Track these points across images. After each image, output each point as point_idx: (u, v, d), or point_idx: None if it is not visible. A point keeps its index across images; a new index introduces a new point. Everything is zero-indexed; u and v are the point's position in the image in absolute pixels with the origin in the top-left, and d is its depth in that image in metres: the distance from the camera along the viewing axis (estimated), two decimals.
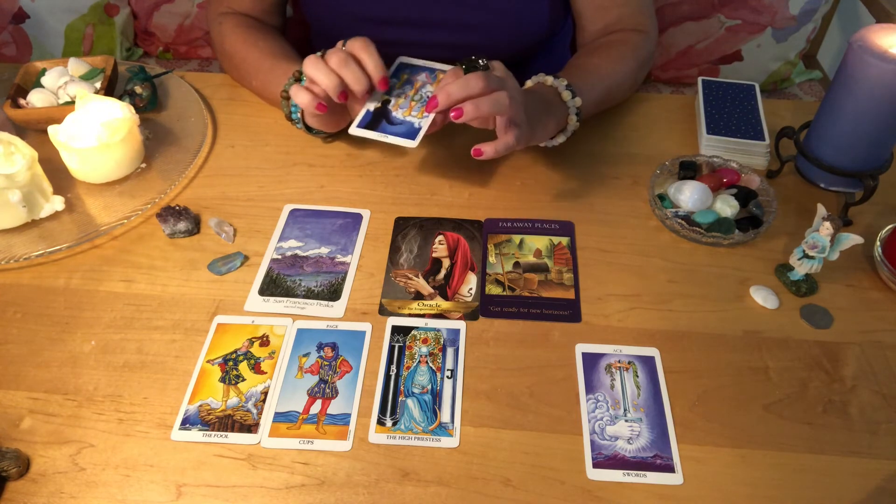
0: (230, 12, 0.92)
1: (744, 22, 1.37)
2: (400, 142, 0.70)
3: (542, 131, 0.74)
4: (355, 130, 0.72)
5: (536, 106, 0.73)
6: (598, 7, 0.88)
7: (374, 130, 0.72)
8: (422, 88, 0.75)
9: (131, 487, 0.54)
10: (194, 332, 0.65)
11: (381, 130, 0.72)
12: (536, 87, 0.77)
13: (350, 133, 0.72)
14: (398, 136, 0.70)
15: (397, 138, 0.70)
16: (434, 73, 0.76)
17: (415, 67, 0.77)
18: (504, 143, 0.68)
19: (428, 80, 0.75)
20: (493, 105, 0.66)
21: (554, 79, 0.76)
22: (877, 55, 0.68)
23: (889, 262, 0.68)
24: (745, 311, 0.67)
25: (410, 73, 0.77)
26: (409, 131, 0.71)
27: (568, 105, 0.76)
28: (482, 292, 0.69)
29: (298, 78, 0.77)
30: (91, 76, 0.87)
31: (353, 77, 0.70)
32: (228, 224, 0.75)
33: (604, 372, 0.62)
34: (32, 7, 1.35)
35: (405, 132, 0.71)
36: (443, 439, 0.57)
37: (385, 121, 0.72)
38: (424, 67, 0.77)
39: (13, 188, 0.71)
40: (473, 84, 0.66)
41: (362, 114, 0.73)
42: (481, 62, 0.70)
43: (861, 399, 0.60)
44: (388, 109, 0.73)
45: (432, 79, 0.76)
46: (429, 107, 0.69)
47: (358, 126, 0.72)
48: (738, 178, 0.78)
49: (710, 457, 0.56)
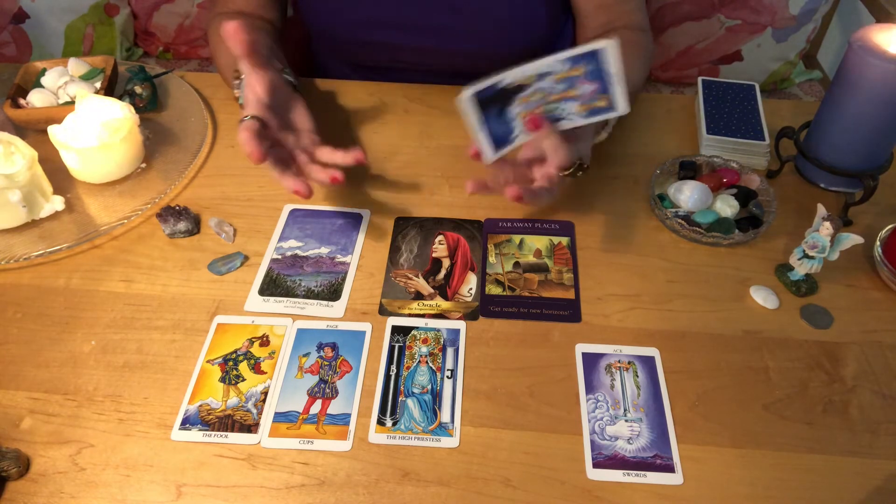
0: (225, 12, 0.92)
1: (744, 22, 1.37)
2: (482, 144, 0.66)
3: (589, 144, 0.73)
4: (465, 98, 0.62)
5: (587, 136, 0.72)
6: (600, 5, 0.88)
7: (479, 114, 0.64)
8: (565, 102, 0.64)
9: (131, 487, 0.54)
10: (194, 332, 0.65)
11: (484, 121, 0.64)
12: None
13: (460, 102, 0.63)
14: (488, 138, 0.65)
15: (484, 139, 0.65)
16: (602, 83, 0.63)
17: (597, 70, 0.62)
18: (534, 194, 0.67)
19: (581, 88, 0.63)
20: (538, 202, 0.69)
21: None
22: (877, 55, 0.68)
23: (889, 262, 0.68)
24: (745, 311, 0.67)
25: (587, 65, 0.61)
26: (500, 137, 0.66)
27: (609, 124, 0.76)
28: (482, 292, 0.69)
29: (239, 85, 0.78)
30: (91, 76, 0.87)
31: None
32: (228, 224, 0.75)
33: (604, 372, 0.62)
34: (32, 7, 1.35)
35: (499, 137, 0.66)
36: (443, 439, 0.57)
37: (500, 107, 0.64)
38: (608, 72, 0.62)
39: (13, 188, 0.71)
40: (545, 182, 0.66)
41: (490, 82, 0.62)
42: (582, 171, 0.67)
43: (861, 399, 0.60)
44: (514, 98, 0.63)
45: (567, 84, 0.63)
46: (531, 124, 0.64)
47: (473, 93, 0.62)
48: (738, 178, 0.78)
49: (710, 457, 0.56)
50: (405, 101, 0.92)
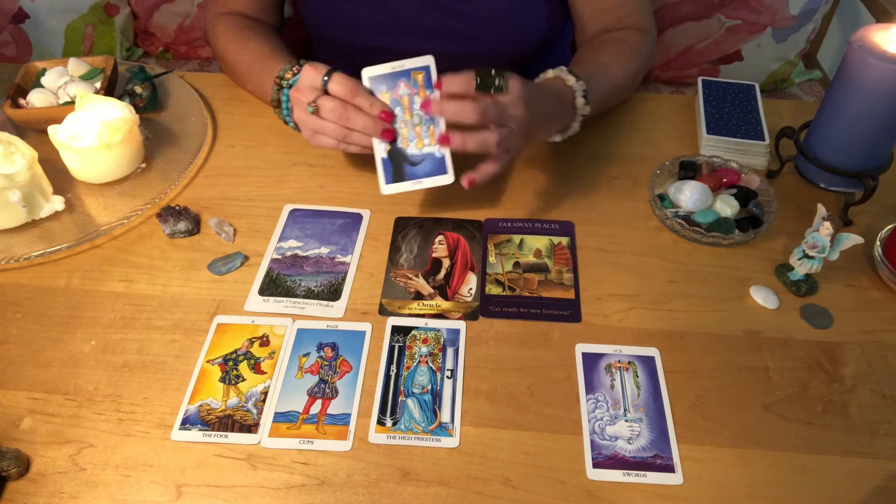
0: (226, 13, 0.92)
1: (744, 22, 1.37)
2: (436, 182, 0.69)
3: (541, 134, 0.73)
4: (387, 189, 0.69)
5: (544, 106, 0.71)
6: (598, 9, 0.88)
7: (404, 181, 0.69)
8: (413, 105, 0.68)
9: (131, 487, 0.54)
10: (194, 332, 0.65)
11: (410, 177, 0.69)
12: (554, 82, 0.74)
13: (383, 194, 0.69)
14: (431, 176, 0.69)
15: (431, 179, 0.69)
16: (409, 75, 0.68)
17: (386, 78, 0.68)
18: (483, 174, 0.68)
19: (411, 90, 0.68)
20: (479, 145, 0.66)
21: (575, 80, 0.74)
22: (877, 55, 0.68)
23: (889, 262, 0.68)
24: (745, 311, 0.67)
25: (389, 89, 0.69)
26: (435, 165, 0.69)
27: (577, 111, 0.75)
28: (482, 292, 0.69)
29: (280, 85, 0.76)
30: (91, 76, 0.87)
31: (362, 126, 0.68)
32: (228, 224, 0.75)
33: (604, 372, 0.62)
34: (32, 7, 1.35)
35: (433, 168, 0.69)
36: (443, 439, 0.57)
37: (406, 163, 0.69)
38: (395, 74, 0.68)
39: (13, 188, 0.71)
40: (469, 112, 0.64)
41: (381, 168, 0.69)
42: (496, 81, 0.66)
43: (861, 399, 0.60)
44: (400, 148, 0.69)
45: (413, 85, 0.68)
46: (441, 141, 0.67)
47: (386, 184, 0.69)
48: (738, 178, 0.78)
49: (710, 457, 0.56)
50: None
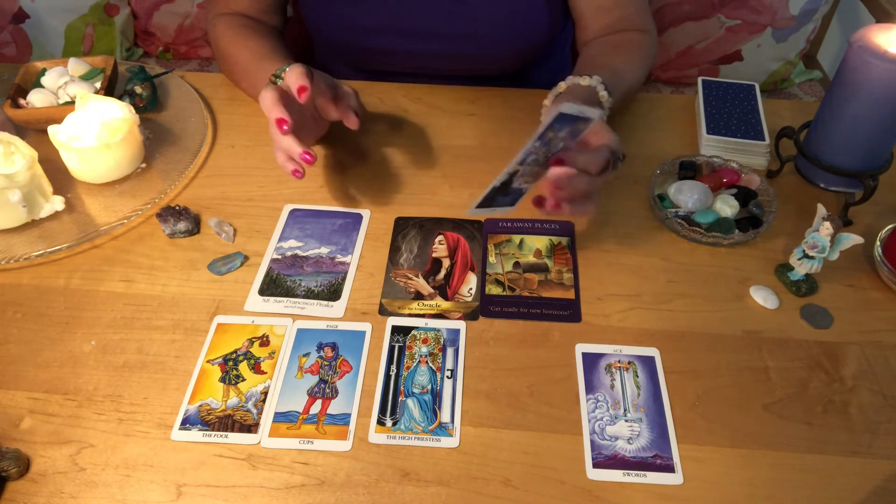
0: (227, 13, 0.92)
1: (744, 22, 1.37)
2: (500, 212, 0.68)
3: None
4: (474, 212, 0.66)
5: None
6: (599, 8, 0.88)
7: (489, 207, 0.66)
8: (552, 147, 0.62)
9: (131, 487, 0.54)
10: (194, 332, 0.65)
11: (495, 205, 0.66)
12: (573, 89, 0.75)
13: (467, 215, 0.67)
14: (505, 207, 0.67)
15: (500, 209, 0.67)
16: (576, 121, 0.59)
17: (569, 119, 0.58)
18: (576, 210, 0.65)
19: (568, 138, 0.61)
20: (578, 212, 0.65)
21: (589, 78, 0.75)
22: (877, 55, 0.68)
23: (889, 262, 0.68)
24: (745, 311, 0.67)
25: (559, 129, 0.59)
26: (514, 198, 0.67)
27: (604, 105, 0.74)
28: (482, 292, 0.69)
29: (274, 83, 0.76)
30: (91, 76, 0.87)
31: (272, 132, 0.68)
32: (228, 224, 0.75)
33: (604, 372, 0.62)
34: (32, 7, 1.35)
35: (511, 200, 0.67)
36: (443, 439, 0.57)
37: (500, 194, 0.65)
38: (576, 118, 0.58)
39: (13, 188, 0.71)
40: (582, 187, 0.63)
41: (487, 192, 0.63)
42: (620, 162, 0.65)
43: (861, 399, 0.60)
44: (511, 181, 0.63)
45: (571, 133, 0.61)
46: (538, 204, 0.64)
47: (477, 207, 0.65)
48: (738, 178, 0.78)
49: (710, 457, 0.56)
50: (405, 101, 0.92)
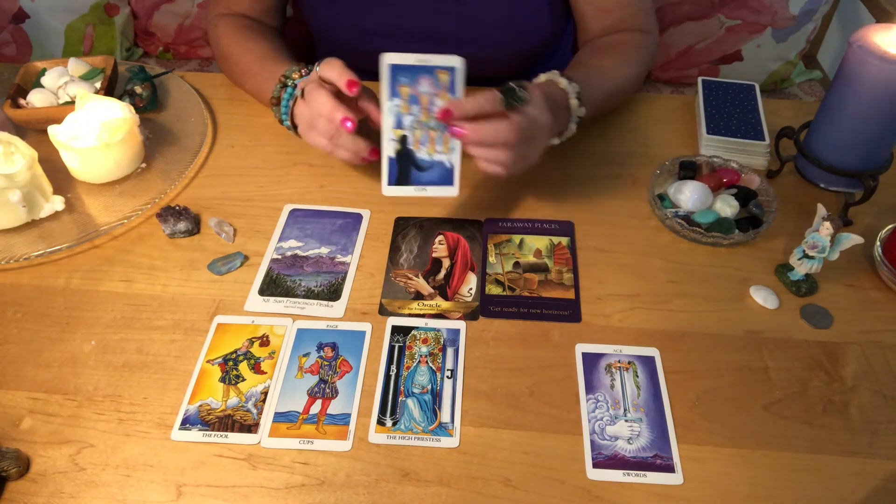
0: (227, 14, 0.92)
1: (744, 22, 1.37)
2: (440, 192, 0.68)
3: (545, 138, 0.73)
4: (389, 190, 0.67)
5: None
6: (600, 9, 0.88)
7: (407, 185, 0.67)
8: (432, 106, 0.65)
9: (131, 487, 0.54)
10: (194, 332, 0.65)
11: (414, 182, 0.67)
12: (548, 86, 0.74)
13: (384, 194, 0.67)
14: (436, 185, 0.67)
15: (436, 188, 0.68)
16: (433, 73, 0.64)
17: (410, 70, 0.64)
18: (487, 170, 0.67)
19: (433, 90, 0.65)
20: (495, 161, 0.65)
21: (567, 82, 0.74)
22: (877, 55, 0.68)
23: (889, 262, 0.68)
24: (745, 311, 0.67)
25: (410, 82, 0.65)
26: (443, 175, 0.67)
27: (572, 112, 0.74)
28: (482, 292, 0.69)
29: (285, 84, 0.77)
30: (91, 76, 0.87)
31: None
32: (228, 224, 0.75)
33: (604, 372, 0.62)
34: (32, 7, 1.35)
35: (440, 177, 0.67)
36: (443, 439, 0.57)
37: (413, 167, 0.67)
38: (420, 67, 0.64)
39: (13, 188, 0.71)
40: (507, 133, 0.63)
41: (386, 166, 0.66)
42: (522, 94, 0.64)
43: (861, 399, 0.60)
44: (411, 150, 0.66)
45: (436, 85, 0.65)
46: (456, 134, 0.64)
47: (389, 185, 0.67)
48: (738, 178, 0.78)
49: (710, 457, 0.56)
50: None
